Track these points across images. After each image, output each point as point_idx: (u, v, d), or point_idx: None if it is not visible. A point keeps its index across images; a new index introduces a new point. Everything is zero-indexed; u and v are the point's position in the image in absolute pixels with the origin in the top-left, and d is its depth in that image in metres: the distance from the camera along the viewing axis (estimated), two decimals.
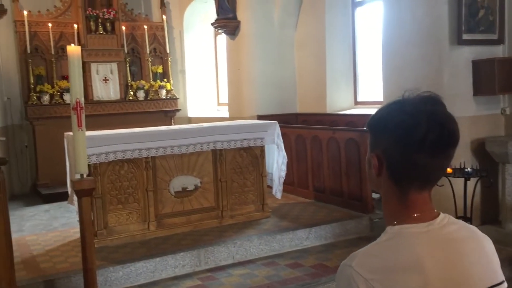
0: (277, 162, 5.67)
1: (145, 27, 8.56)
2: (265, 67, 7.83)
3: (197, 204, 5.24)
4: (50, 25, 7.83)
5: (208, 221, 5.26)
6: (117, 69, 8.24)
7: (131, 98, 8.36)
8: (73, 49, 3.40)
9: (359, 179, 5.58)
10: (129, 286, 4.21)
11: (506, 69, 4.90)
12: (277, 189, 5.69)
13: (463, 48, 4.99)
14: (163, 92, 8.68)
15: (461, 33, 4.90)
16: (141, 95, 8.47)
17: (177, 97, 8.93)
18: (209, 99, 9.92)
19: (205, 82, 9.89)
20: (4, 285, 2.79)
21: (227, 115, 8.50)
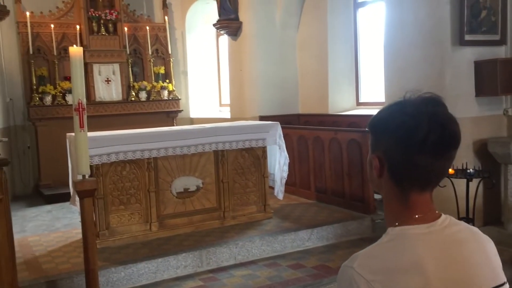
0: (279, 162, 5.67)
1: (147, 28, 8.57)
2: (267, 68, 7.83)
3: (199, 205, 5.24)
4: (52, 26, 7.85)
5: (210, 222, 5.27)
6: (119, 70, 8.25)
7: (133, 99, 8.38)
8: (75, 50, 3.40)
9: (361, 180, 5.57)
10: (131, 287, 4.22)
11: (508, 70, 4.88)
12: (279, 190, 5.69)
13: (465, 49, 4.98)
14: (165, 93, 8.69)
15: (463, 34, 4.90)
16: (143, 96, 8.49)
17: (179, 98, 8.94)
18: (211, 100, 9.93)
19: (207, 83, 9.90)
20: (6, 286, 2.80)
21: (229, 115, 8.50)
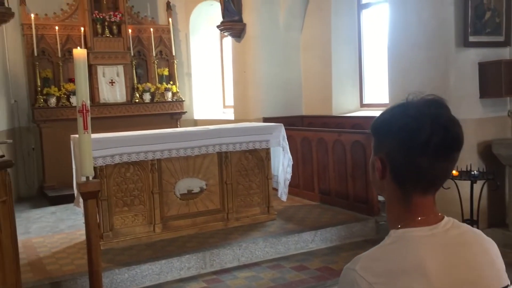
0: (282, 164, 5.66)
1: (151, 30, 8.59)
2: (270, 70, 7.83)
3: (202, 206, 5.25)
4: (57, 28, 7.88)
5: (213, 223, 5.27)
6: (123, 72, 8.27)
7: (137, 100, 8.39)
8: (79, 52, 3.41)
9: (365, 182, 5.56)
10: None
11: None
12: (283, 192, 5.68)
13: (469, 50, 4.97)
14: (169, 94, 8.70)
15: (467, 35, 4.88)
16: (147, 97, 8.50)
17: (183, 99, 8.95)
18: (214, 102, 9.94)
19: (211, 84, 9.90)
20: (10, 287, 2.81)
21: (232, 117, 8.51)
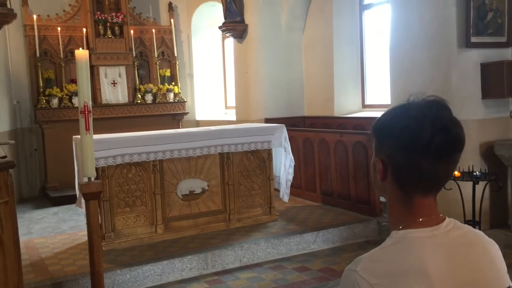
0: (284, 165, 5.66)
1: (153, 30, 8.60)
2: (272, 70, 7.83)
3: (204, 207, 5.25)
4: (59, 29, 7.90)
5: (215, 224, 5.27)
6: (125, 73, 8.29)
7: (139, 101, 8.41)
8: (81, 53, 3.42)
9: (366, 183, 5.56)
10: None
11: None
12: (285, 192, 5.68)
13: (471, 51, 4.96)
14: (171, 95, 8.72)
15: (469, 36, 4.87)
16: (149, 98, 8.52)
17: (185, 100, 8.96)
18: (216, 102, 9.94)
19: (213, 85, 9.91)
20: None
21: (234, 118, 8.51)
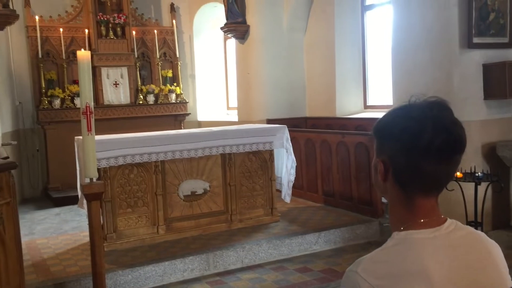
0: (286, 166, 5.66)
1: (155, 31, 8.61)
2: (274, 71, 7.83)
3: (206, 208, 5.25)
4: (61, 30, 7.92)
5: (217, 225, 5.27)
6: (127, 74, 8.30)
7: (141, 102, 8.42)
8: (83, 54, 3.42)
9: (368, 184, 5.55)
10: None
11: None
12: (286, 193, 5.68)
13: (473, 51, 4.95)
14: (173, 96, 8.73)
15: (471, 37, 4.87)
16: (151, 99, 8.53)
17: (187, 101, 8.97)
18: (218, 103, 9.95)
19: (215, 86, 9.92)
20: None
21: (236, 119, 8.51)
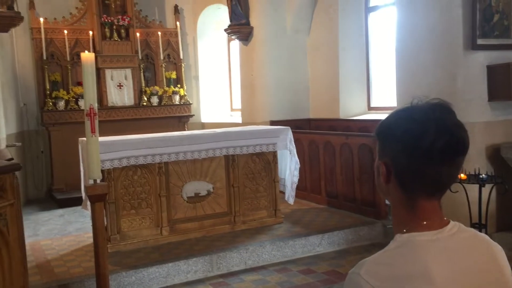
0: (289, 167, 5.66)
1: (159, 33, 8.63)
2: (278, 73, 7.84)
3: (209, 209, 5.25)
4: (65, 32, 7.94)
5: (220, 226, 5.28)
6: (131, 75, 8.32)
7: (145, 103, 8.43)
8: (87, 56, 3.43)
9: (372, 185, 5.54)
10: None
11: None
12: (290, 195, 5.68)
13: (477, 53, 4.94)
14: (177, 97, 8.74)
15: (476, 38, 4.85)
16: (154, 100, 8.54)
17: (191, 102, 8.98)
18: (222, 105, 9.96)
19: (218, 87, 9.92)
20: None
21: (240, 120, 8.51)
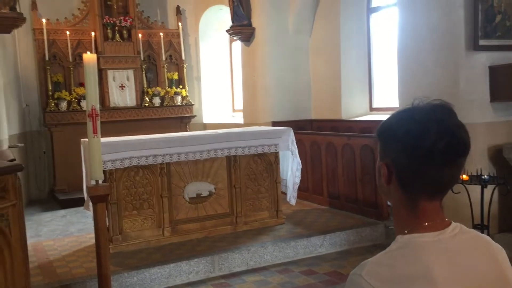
0: (291, 168, 5.66)
1: (161, 34, 8.64)
2: (279, 74, 7.84)
3: (211, 210, 5.25)
4: (68, 33, 7.96)
5: (222, 227, 5.28)
6: (133, 76, 8.33)
7: (147, 104, 8.44)
8: (89, 57, 3.44)
9: (374, 186, 5.53)
10: None
11: None
12: (292, 196, 5.68)
13: (479, 53, 4.93)
14: (179, 98, 8.75)
15: (478, 39, 4.85)
16: (156, 101, 8.55)
17: (193, 103, 8.99)
18: (224, 106, 9.96)
19: (220, 88, 9.93)
20: None
21: (242, 121, 8.52)
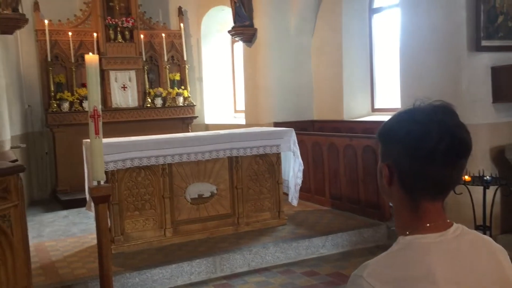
0: (293, 169, 5.65)
1: (163, 35, 8.65)
2: (281, 74, 7.84)
3: (213, 211, 5.25)
4: (70, 33, 7.97)
5: (224, 228, 5.28)
6: (135, 77, 8.34)
7: (149, 105, 8.45)
8: (91, 58, 3.44)
9: (376, 187, 5.52)
10: None
11: None
12: (293, 196, 5.67)
13: (482, 54, 4.92)
14: (181, 99, 8.75)
15: (480, 40, 4.84)
16: (158, 102, 8.56)
17: (194, 104, 8.99)
18: (226, 106, 9.96)
19: (222, 89, 9.93)
20: None
21: (243, 122, 8.52)
